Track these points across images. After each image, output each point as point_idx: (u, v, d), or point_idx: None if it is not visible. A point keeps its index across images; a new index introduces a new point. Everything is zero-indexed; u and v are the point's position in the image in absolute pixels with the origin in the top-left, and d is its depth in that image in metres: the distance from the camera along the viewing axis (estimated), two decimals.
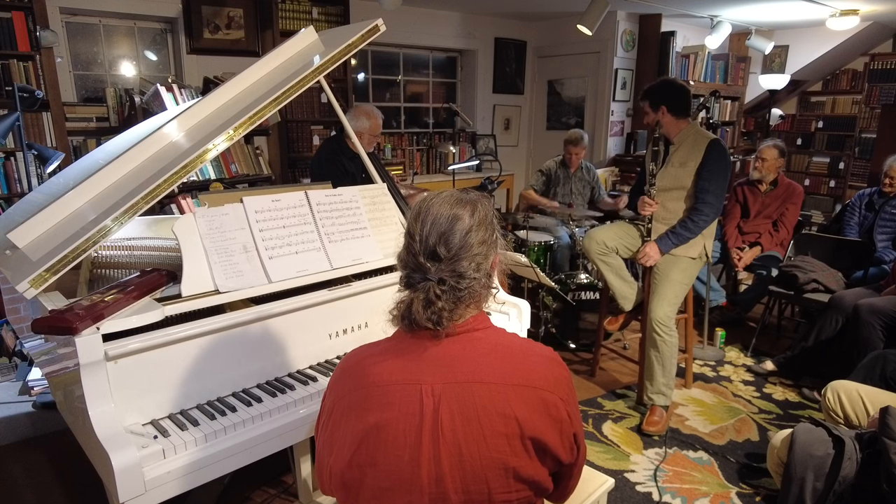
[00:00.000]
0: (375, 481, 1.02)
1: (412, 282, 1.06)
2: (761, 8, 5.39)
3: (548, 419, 1.03)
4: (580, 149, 4.41)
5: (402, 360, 1.06)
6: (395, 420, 1.01)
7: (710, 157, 2.76)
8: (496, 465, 1.00)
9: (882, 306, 2.88)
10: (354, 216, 2.03)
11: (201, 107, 1.95)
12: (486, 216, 1.09)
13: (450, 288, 1.03)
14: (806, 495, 1.90)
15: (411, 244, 1.06)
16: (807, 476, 1.91)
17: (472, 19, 6.19)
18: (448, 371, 1.03)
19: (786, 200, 4.02)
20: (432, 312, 1.03)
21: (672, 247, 2.83)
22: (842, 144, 6.87)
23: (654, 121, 2.91)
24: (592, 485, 1.65)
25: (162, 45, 4.64)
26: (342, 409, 1.08)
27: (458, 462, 1.00)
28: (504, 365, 1.04)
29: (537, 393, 1.03)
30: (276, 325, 1.76)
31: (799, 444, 1.96)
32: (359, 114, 3.37)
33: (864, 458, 1.86)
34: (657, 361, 2.86)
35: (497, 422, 1.00)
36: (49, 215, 1.63)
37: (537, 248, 3.95)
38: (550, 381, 1.05)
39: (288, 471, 2.39)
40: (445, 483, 1.00)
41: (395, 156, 5.82)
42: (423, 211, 1.07)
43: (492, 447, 1.00)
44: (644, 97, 2.93)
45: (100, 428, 1.36)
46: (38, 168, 3.60)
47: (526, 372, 1.04)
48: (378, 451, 1.02)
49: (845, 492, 1.85)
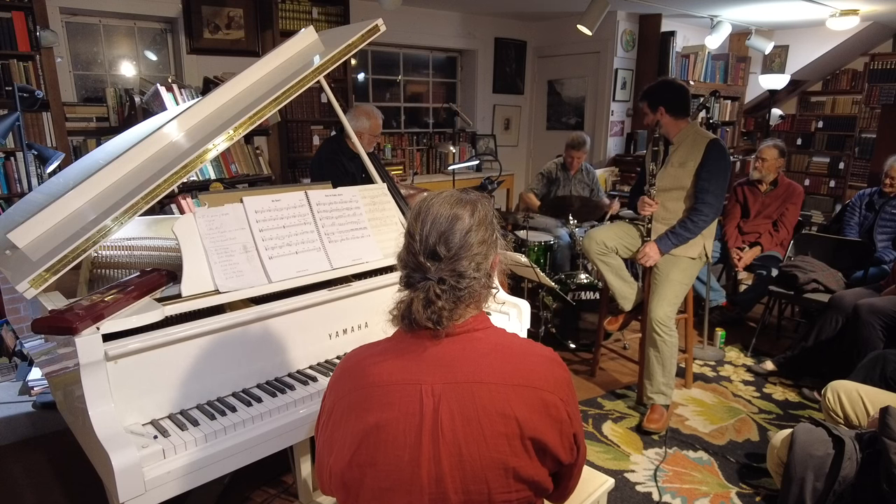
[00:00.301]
0: (375, 481, 1.02)
1: (412, 281, 1.06)
2: (761, 8, 5.39)
3: (548, 419, 1.03)
4: (582, 153, 4.42)
5: (402, 360, 1.06)
6: (395, 420, 1.01)
7: (709, 156, 2.76)
8: (496, 465, 1.00)
9: (882, 306, 2.88)
10: (354, 216, 2.03)
11: (201, 107, 1.95)
12: (486, 216, 1.09)
13: (450, 287, 1.03)
14: (806, 495, 1.90)
15: (411, 244, 1.06)
16: (807, 476, 1.91)
17: (472, 19, 6.20)
18: (448, 371, 1.03)
19: (786, 200, 4.02)
20: (432, 312, 1.02)
21: (672, 247, 2.83)
22: (842, 144, 6.87)
23: (654, 122, 2.91)
24: (592, 485, 1.66)
25: (162, 45, 4.64)
26: (342, 409, 1.08)
27: (458, 462, 0.99)
28: (504, 365, 1.04)
29: (537, 393, 1.03)
30: (276, 325, 1.76)
31: (799, 444, 1.96)
32: (359, 114, 3.37)
33: (864, 458, 1.86)
34: (657, 361, 2.86)
35: (497, 422, 1.00)
36: (49, 215, 1.63)
37: (537, 248, 3.95)
38: (550, 382, 1.05)
39: (288, 471, 2.39)
40: (445, 483, 1.00)
41: (395, 156, 5.83)
42: (424, 211, 1.07)
43: (492, 447, 0.99)
44: (643, 98, 2.93)
45: (100, 428, 1.36)
46: (38, 168, 3.60)
47: (526, 372, 1.04)
48: (378, 451, 1.01)
49: (845, 492, 1.85)
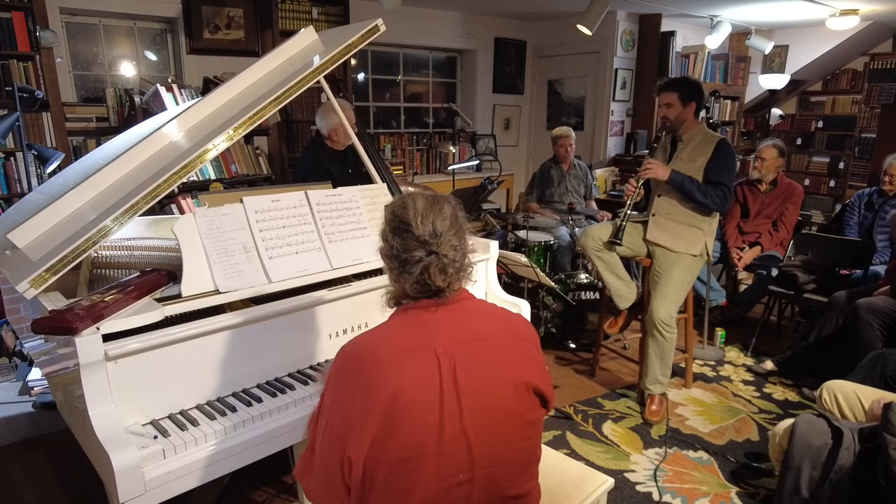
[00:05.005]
0: (394, 453, 1.07)
1: (415, 258, 1.15)
2: (761, 8, 5.39)
3: (536, 363, 1.23)
4: (571, 140, 4.46)
5: (408, 331, 1.16)
6: (414, 385, 1.08)
7: (719, 154, 2.76)
8: (509, 412, 1.15)
9: (881, 306, 2.88)
10: (354, 216, 2.03)
11: (201, 107, 1.95)
12: (457, 208, 1.24)
13: (451, 260, 1.17)
14: (801, 483, 1.93)
15: (407, 229, 1.17)
16: (803, 465, 1.93)
17: (472, 19, 6.19)
18: (456, 332, 1.16)
19: (786, 200, 4.02)
20: (447, 276, 1.16)
21: (678, 183, 2.74)
22: (842, 144, 6.87)
23: (677, 116, 2.81)
24: (592, 485, 1.65)
25: (162, 45, 4.64)
26: (352, 394, 1.10)
27: (478, 414, 1.11)
28: (497, 323, 1.23)
29: (524, 344, 1.23)
30: (276, 325, 1.75)
31: (799, 433, 1.99)
32: (326, 112, 3.28)
33: (863, 451, 1.87)
34: (656, 356, 2.87)
35: (503, 371, 1.16)
36: (49, 215, 1.63)
37: (537, 248, 3.95)
38: (532, 333, 1.27)
39: (288, 471, 2.39)
40: (469, 437, 1.10)
41: (395, 156, 5.83)
42: (410, 203, 1.19)
43: (504, 395, 1.15)
44: (673, 89, 2.80)
45: (100, 428, 1.36)
46: (38, 168, 3.60)
47: (515, 328, 1.25)
48: (400, 419, 1.06)
49: (841, 482, 1.86)
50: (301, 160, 3.64)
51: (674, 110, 2.81)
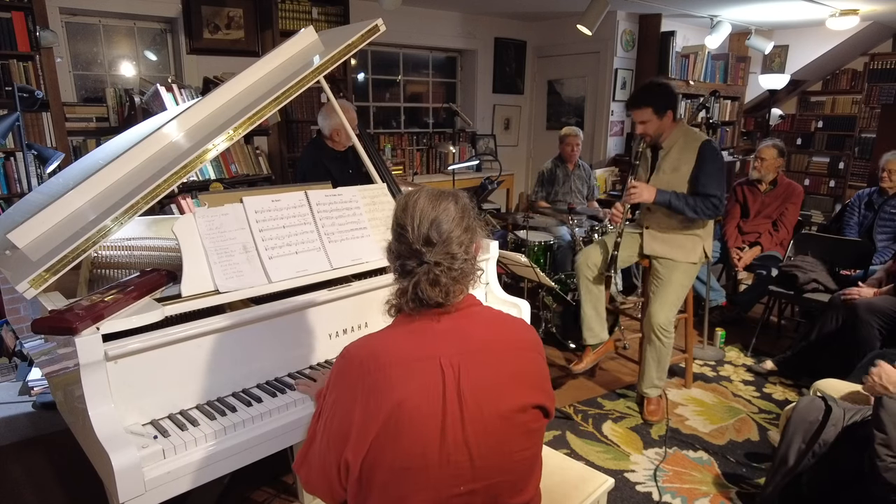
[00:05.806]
0: (393, 461, 1.06)
1: (408, 268, 1.13)
2: (761, 8, 5.39)
3: (540, 375, 1.21)
4: (578, 139, 4.49)
5: (414, 339, 1.14)
6: (416, 394, 1.07)
7: (703, 159, 2.68)
8: (513, 423, 1.13)
9: (880, 305, 2.88)
10: (354, 216, 2.03)
11: (201, 107, 1.95)
12: (466, 206, 1.20)
13: (445, 269, 1.12)
14: (790, 454, 2.02)
15: (403, 234, 1.14)
16: (795, 438, 2.02)
17: (472, 19, 6.19)
18: (462, 341, 1.13)
19: (785, 200, 4.02)
20: (440, 289, 1.12)
21: (666, 203, 2.67)
22: (842, 144, 6.87)
23: (656, 129, 2.71)
24: (592, 485, 1.65)
25: (162, 45, 4.64)
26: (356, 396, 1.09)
27: (482, 426, 1.09)
28: (504, 333, 1.20)
29: (530, 354, 1.21)
30: (276, 325, 1.75)
31: (798, 409, 2.07)
32: (328, 112, 3.29)
33: (846, 429, 1.95)
34: (653, 360, 2.87)
35: (508, 383, 1.13)
36: (49, 215, 1.63)
37: (537, 248, 3.95)
38: (537, 342, 1.25)
39: (288, 471, 2.39)
40: (470, 448, 1.08)
41: (395, 156, 5.83)
42: (411, 204, 1.16)
43: (508, 405, 1.13)
44: (642, 104, 2.66)
45: (100, 428, 1.36)
46: (38, 168, 3.60)
47: (522, 337, 1.22)
48: (402, 428, 1.05)
49: (825, 456, 1.95)
50: (301, 160, 3.65)
51: (651, 125, 2.71)
